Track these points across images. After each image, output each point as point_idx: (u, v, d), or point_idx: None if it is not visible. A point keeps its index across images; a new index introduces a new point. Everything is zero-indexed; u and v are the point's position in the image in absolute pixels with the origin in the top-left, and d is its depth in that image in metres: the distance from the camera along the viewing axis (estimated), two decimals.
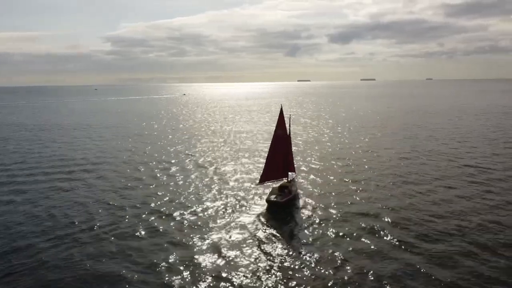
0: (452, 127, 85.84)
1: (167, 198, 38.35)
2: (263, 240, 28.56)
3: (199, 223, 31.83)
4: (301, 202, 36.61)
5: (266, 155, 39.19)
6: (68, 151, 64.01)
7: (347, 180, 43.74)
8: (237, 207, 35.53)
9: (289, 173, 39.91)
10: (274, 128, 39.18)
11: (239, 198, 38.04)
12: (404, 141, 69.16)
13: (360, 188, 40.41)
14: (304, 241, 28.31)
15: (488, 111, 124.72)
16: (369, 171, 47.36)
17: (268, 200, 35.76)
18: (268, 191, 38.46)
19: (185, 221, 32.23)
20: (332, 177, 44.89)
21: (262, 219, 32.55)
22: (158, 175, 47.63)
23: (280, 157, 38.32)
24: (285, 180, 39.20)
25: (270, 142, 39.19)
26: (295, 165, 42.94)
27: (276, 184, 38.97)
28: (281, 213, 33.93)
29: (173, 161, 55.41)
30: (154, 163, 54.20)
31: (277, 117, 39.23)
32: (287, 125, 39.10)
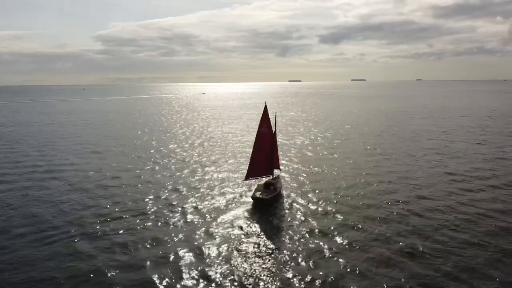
0: (442, 129, 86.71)
1: (150, 195, 38.23)
2: (248, 237, 28.67)
3: (183, 220, 31.85)
4: (286, 199, 36.82)
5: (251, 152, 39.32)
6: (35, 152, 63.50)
7: (332, 177, 44.11)
8: (222, 203, 35.60)
9: (274, 170, 40.12)
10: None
11: (224, 194, 38.13)
12: (391, 141, 69.89)
13: (345, 186, 40.76)
14: (289, 238, 28.43)
15: (475, 112, 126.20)
16: (354, 169, 47.77)
17: (253, 197, 35.92)
18: (253, 188, 38.65)
19: (168, 218, 32.23)
20: (317, 174, 45.21)
21: (247, 216, 32.68)
22: (140, 172, 47.43)
23: (265, 154, 38.53)
24: (270, 177, 39.41)
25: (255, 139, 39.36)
26: (280, 163, 43.18)
27: (262, 181, 39.15)
28: (266, 210, 34.07)
29: (156, 158, 55.31)
30: (136, 161, 54.03)
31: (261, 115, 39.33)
32: (272, 123, 39.31)
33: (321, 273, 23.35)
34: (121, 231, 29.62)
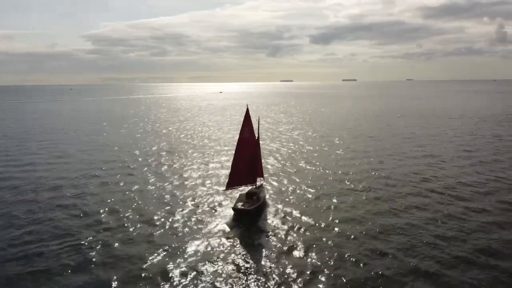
0: (438, 130, 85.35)
1: (126, 205, 35.68)
2: (229, 251, 26.43)
3: (160, 233, 29.39)
4: (270, 210, 34.44)
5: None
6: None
7: (318, 186, 41.71)
8: (202, 215, 33.08)
9: (258, 178, 37.63)
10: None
11: (203, 206, 35.59)
12: (379, 145, 67.94)
13: (331, 194, 38.48)
14: (273, 251, 26.46)
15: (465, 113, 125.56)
16: (340, 177, 45.34)
17: (234, 208, 33.44)
18: (235, 198, 36.14)
19: (145, 231, 29.79)
20: (302, 183, 42.64)
21: (228, 229, 30.25)
22: (118, 179, 44.83)
23: (247, 161, 35.96)
24: (253, 186, 36.94)
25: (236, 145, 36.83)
26: (264, 170, 40.81)
27: (244, 191, 36.67)
28: (249, 222, 31.67)
29: (134, 164, 52.61)
30: (113, 166, 51.30)
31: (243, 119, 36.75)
32: (255, 128, 36.87)
33: (304, 286, 21.96)
34: (93, 244, 27.32)
